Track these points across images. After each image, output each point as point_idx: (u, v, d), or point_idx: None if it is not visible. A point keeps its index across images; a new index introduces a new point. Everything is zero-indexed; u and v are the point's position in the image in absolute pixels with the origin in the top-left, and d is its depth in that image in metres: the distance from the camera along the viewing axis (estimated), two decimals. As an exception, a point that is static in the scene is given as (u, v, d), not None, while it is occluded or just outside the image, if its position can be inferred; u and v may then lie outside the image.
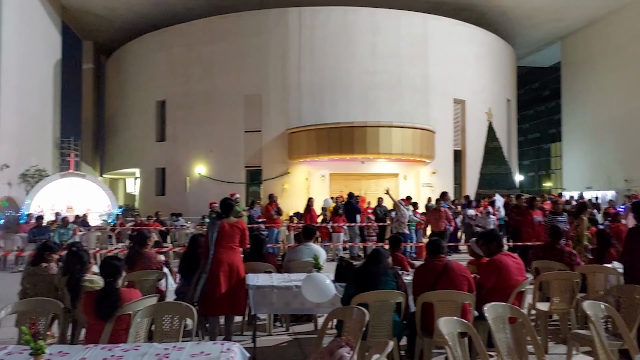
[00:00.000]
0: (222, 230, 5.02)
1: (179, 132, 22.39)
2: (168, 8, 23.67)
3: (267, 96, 20.57)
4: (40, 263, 5.13)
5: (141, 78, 24.37)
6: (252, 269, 5.42)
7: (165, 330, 3.53)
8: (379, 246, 6.57)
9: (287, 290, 4.70)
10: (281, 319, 5.86)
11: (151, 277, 5.14)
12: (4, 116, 18.79)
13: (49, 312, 3.64)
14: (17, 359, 2.55)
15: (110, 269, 3.57)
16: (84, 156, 27.84)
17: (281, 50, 20.45)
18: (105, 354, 2.63)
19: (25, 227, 12.80)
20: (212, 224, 5.16)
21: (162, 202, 21.38)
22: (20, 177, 19.55)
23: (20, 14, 20.25)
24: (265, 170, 20.54)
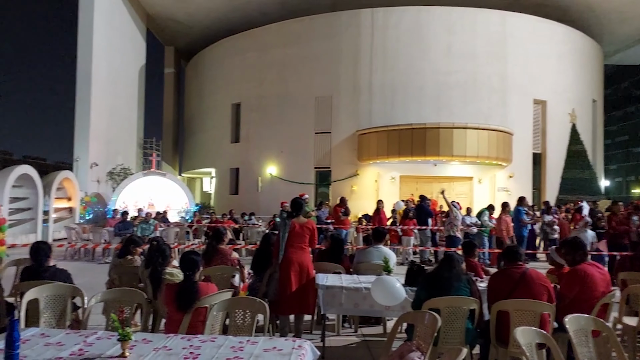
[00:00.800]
0: (293, 230, 5.09)
1: (252, 133, 23.06)
2: (244, 13, 24.45)
3: (337, 98, 20.68)
4: (126, 255, 5.48)
5: (218, 81, 25.36)
6: (322, 269, 5.47)
7: (238, 324, 3.65)
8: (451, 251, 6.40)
9: (356, 292, 4.70)
10: (350, 320, 5.87)
11: (226, 272, 5.32)
12: (95, 118, 20.20)
13: (133, 302, 3.86)
14: (106, 343, 2.73)
15: (189, 263, 3.73)
16: (165, 156, 29.36)
17: (353, 52, 20.49)
18: (185, 344, 2.75)
19: (111, 222, 13.70)
20: (283, 223, 5.22)
21: (235, 201, 22.15)
22: (107, 174, 20.95)
23: (109, 22, 21.70)
24: (335, 171, 20.65)
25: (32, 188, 14.86)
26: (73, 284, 4.19)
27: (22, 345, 2.44)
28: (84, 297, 3.96)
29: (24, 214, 14.97)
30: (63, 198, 17.12)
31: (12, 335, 2.33)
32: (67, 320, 3.91)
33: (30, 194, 14.93)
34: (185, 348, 2.68)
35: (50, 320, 3.85)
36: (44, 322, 3.78)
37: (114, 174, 21.04)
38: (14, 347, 2.33)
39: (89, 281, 4.34)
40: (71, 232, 12.95)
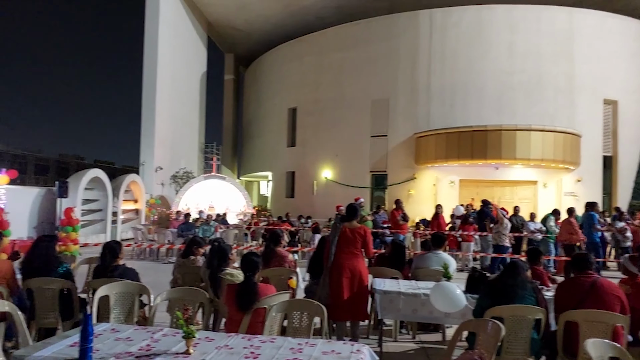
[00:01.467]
0: (343, 234, 4.99)
1: (308, 137, 23.28)
2: (301, 19, 24.78)
3: (394, 100, 20.49)
4: (189, 256, 5.68)
5: (275, 87, 25.82)
6: (379, 274, 5.42)
7: (295, 326, 3.68)
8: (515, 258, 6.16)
9: (415, 298, 4.63)
10: (407, 326, 5.78)
11: (284, 274, 5.39)
12: (159, 124, 21.09)
13: (196, 301, 3.99)
14: (172, 340, 2.84)
15: (250, 265, 3.81)
16: (224, 160, 30.20)
17: (411, 54, 20.24)
18: (246, 343, 2.82)
19: (174, 223, 14.23)
20: (334, 227, 5.16)
21: (291, 204, 22.43)
22: (171, 178, 21.80)
23: (173, 32, 22.62)
24: (391, 175, 20.45)
25: (102, 190, 15.68)
26: (140, 282, 4.38)
27: (95, 340, 2.57)
28: (150, 295, 4.13)
29: (95, 215, 15.82)
30: (130, 200, 17.96)
31: (87, 329, 2.46)
32: (135, 317, 4.09)
33: (100, 196, 15.77)
34: (246, 348, 2.73)
35: (120, 317, 4.05)
36: (114, 318, 3.98)
37: (177, 177, 21.85)
38: (88, 341, 2.46)
39: (153, 280, 4.52)
40: (137, 233, 13.55)
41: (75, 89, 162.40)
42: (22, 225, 12.55)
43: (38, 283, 4.35)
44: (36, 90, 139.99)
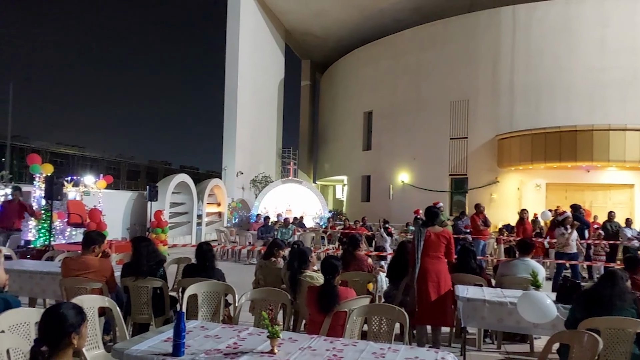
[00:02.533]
0: (428, 239, 4.99)
1: (384, 141, 23.11)
2: (377, 22, 24.72)
3: (474, 101, 19.84)
4: (271, 257, 5.84)
5: (350, 91, 25.91)
6: (462, 281, 5.26)
7: (374, 330, 3.66)
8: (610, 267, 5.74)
9: (501, 306, 4.44)
10: (492, 335, 5.55)
11: (363, 278, 5.38)
12: (240, 130, 21.88)
13: (278, 302, 4.09)
14: (257, 339, 2.93)
15: (330, 267, 3.85)
16: (301, 164, 30.70)
17: (492, 53, 19.51)
18: (328, 345, 2.85)
19: (254, 226, 14.68)
20: (418, 232, 5.12)
21: (367, 208, 22.35)
22: (250, 182, 22.51)
23: (253, 41, 23.40)
24: (471, 178, 19.79)
25: (188, 194, 16.51)
26: (226, 282, 4.56)
27: (186, 336, 2.70)
28: (235, 295, 4.29)
29: (181, 217, 16.68)
30: (213, 203, 18.75)
31: (179, 326, 2.61)
32: (220, 316, 4.26)
33: (186, 199, 16.61)
34: (328, 350, 2.76)
35: (207, 315, 4.23)
36: (202, 316, 4.17)
37: (257, 182, 22.51)
38: (181, 337, 2.61)
39: (235, 280, 4.69)
40: (220, 235, 14.11)
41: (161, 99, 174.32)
42: (116, 226, 13.50)
43: (134, 282, 4.64)
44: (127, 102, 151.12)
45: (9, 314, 2.94)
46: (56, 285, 4.87)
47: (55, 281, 4.94)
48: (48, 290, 5.28)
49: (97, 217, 10.13)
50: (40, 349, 2.03)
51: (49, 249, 8.10)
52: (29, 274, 5.38)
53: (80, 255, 4.66)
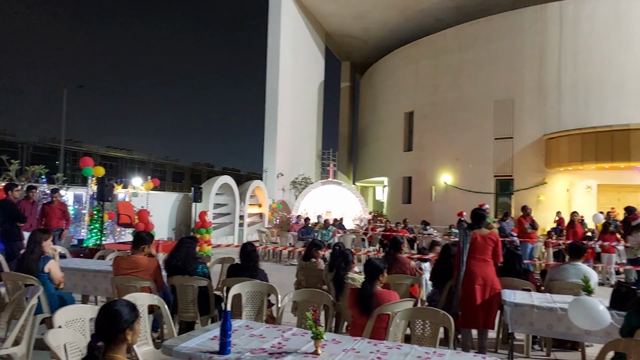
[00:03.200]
0: (475, 242, 4.92)
1: (425, 141, 22.82)
2: (418, 22, 24.47)
3: (520, 100, 19.31)
4: (310, 258, 5.87)
5: (390, 92, 25.72)
6: (509, 285, 5.12)
7: (418, 334, 3.61)
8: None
9: (550, 312, 4.29)
10: (541, 342, 5.37)
11: (406, 281, 5.32)
12: (280, 132, 22.12)
13: (321, 303, 4.10)
14: (301, 340, 2.94)
15: (374, 270, 3.83)
16: (340, 166, 30.71)
17: (538, 50, 18.94)
18: (372, 348, 2.83)
19: (295, 227, 14.78)
20: (464, 234, 5.04)
21: (408, 210, 22.10)
22: (291, 184, 22.70)
23: (294, 44, 23.61)
24: (517, 179, 19.26)
25: (230, 196, 16.80)
26: (268, 282, 4.61)
27: (232, 335, 2.74)
28: (277, 295, 4.33)
29: (224, 218, 16.99)
30: (255, 204, 19.01)
31: (226, 325, 2.65)
32: (263, 316, 4.31)
33: (229, 200, 16.91)
34: (372, 352, 2.74)
35: (251, 314, 4.29)
36: (246, 315, 4.23)
37: (297, 183, 22.68)
38: (227, 336, 2.66)
39: (276, 281, 4.74)
40: (262, 235, 14.29)
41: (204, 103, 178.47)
42: (162, 227, 13.90)
43: (180, 280, 4.77)
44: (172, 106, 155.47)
45: (65, 310, 3.08)
46: (107, 283, 5.06)
47: (107, 279, 5.13)
48: (100, 287, 5.48)
49: (145, 218, 10.44)
50: (96, 344, 2.10)
51: (100, 248, 8.40)
52: (82, 272, 5.60)
53: (131, 255, 4.83)
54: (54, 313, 3.02)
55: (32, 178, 9.19)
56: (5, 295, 4.55)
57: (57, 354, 2.48)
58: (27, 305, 3.64)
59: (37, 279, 4.46)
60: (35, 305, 3.76)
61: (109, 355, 2.14)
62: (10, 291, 4.51)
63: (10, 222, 7.56)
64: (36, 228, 6.29)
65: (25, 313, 3.61)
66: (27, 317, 3.62)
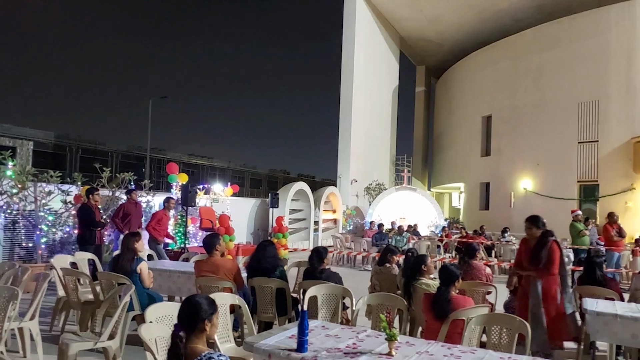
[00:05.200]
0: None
1: (504, 146, 22.06)
2: (496, 23, 23.78)
3: (606, 102, 18.20)
4: (385, 263, 5.95)
5: (467, 95, 25.11)
6: (591, 294, 4.93)
7: (494, 342, 3.60)
8: None
9: (635, 322, 4.11)
10: (626, 353, 5.11)
11: (480, 288, 5.27)
12: (354, 139, 22.29)
13: (394, 307, 4.18)
14: (375, 341, 3.05)
15: (448, 274, 3.87)
16: (415, 172, 30.35)
17: (625, 48, 17.81)
18: (446, 352, 2.88)
19: (369, 233, 14.85)
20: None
21: (486, 217, 21.43)
22: (364, 190, 22.78)
23: (368, 50, 23.74)
24: (603, 185, 18.15)
25: (305, 201, 17.17)
26: (343, 285, 4.76)
27: (309, 334, 2.90)
28: (352, 298, 4.46)
29: (300, 223, 17.38)
30: (329, 210, 19.28)
31: (303, 324, 2.82)
32: (339, 318, 4.46)
33: (304, 206, 17.28)
34: (446, 356, 2.79)
35: (326, 316, 4.45)
36: (322, 317, 4.40)
37: (370, 189, 22.72)
38: (304, 334, 2.82)
39: (351, 285, 4.85)
40: (336, 241, 14.49)
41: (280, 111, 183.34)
42: (242, 231, 14.47)
43: (259, 282, 5.02)
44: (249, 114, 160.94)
45: (155, 307, 3.38)
46: (191, 283, 5.42)
47: (190, 280, 5.48)
48: (183, 288, 5.82)
49: (226, 222, 10.95)
50: (179, 333, 2.28)
51: (184, 251, 8.93)
52: (167, 273, 6.00)
53: (209, 257, 5.15)
54: (144, 310, 3.31)
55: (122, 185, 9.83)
56: (100, 293, 4.90)
57: (149, 347, 2.70)
58: (121, 302, 3.96)
59: (129, 278, 4.80)
60: (128, 303, 4.07)
61: (189, 345, 2.32)
62: (104, 290, 4.86)
63: (84, 227, 7.52)
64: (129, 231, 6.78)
65: (119, 310, 3.93)
66: (120, 314, 3.94)
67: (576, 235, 10.79)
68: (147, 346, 2.70)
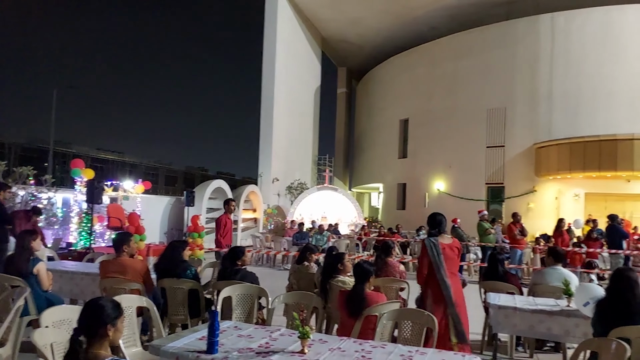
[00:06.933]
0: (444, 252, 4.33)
1: (419, 149, 22.98)
2: (413, 29, 24.66)
3: (512, 109, 19.53)
4: (303, 262, 5.94)
5: (386, 98, 25.89)
6: (494, 288, 5.23)
7: (405, 337, 3.70)
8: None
9: (532, 314, 4.41)
10: (524, 344, 5.48)
11: (394, 284, 5.41)
12: (276, 137, 22.18)
13: (310, 305, 4.17)
14: (288, 340, 3.01)
15: (362, 272, 3.92)
16: (336, 172, 30.76)
17: (530, 60, 19.20)
18: (357, 347, 2.91)
19: (289, 232, 14.83)
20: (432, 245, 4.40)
21: (402, 216, 22.22)
22: (286, 189, 22.73)
23: (290, 49, 23.71)
24: (508, 187, 19.45)
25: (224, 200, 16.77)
26: (259, 285, 4.68)
27: (220, 335, 2.81)
28: (268, 298, 4.40)
29: (218, 223, 16.94)
30: (249, 209, 19.02)
31: (214, 325, 2.71)
32: (254, 318, 4.37)
33: (222, 205, 16.87)
34: (357, 351, 2.82)
35: (241, 316, 4.34)
36: (236, 317, 4.29)
37: (292, 189, 22.71)
38: (215, 335, 2.72)
39: (270, 285, 4.79)
40: (256, 240, 14.32)
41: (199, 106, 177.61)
42: (154, 230, 13.87)
43: (170, 283, 4.80)
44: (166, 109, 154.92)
45: (52, 310, 3.11)
46: (95, 286, 5.08)
47: (95, 282, 5.15)
48: (87, 291, 5.46)
49: (136, 221, 10.46)
50: (78, 338, 2.14)
51: (89, 251, 8.42)
52: (70, 274, 5.62)
53: (116, 257, 4.87)
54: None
55: (20, 180, 9.12)
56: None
57: (43, 353, 2.50)
58: (14, 306, 3.64)
59: (25, 280, 4.43)
60: (22, 307, 3.77)
61: (90, 350, 2.18)
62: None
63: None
64: (23, 230, 6.26)
65: (11, 314, 3.61)
66: (12, 319, 3.62)
67: (483, 233, 11.48)
68: (40, 352, 2.50)
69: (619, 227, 11.11)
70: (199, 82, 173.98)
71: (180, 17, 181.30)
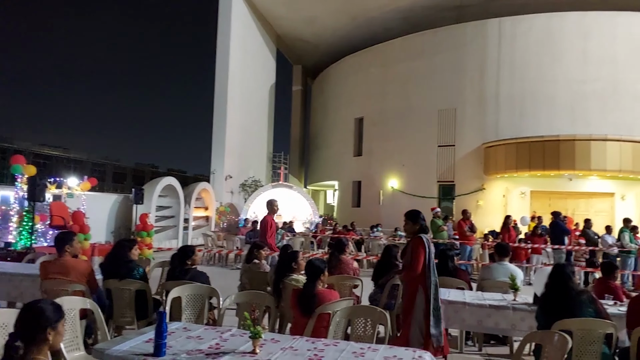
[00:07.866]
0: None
1: (374, 147, 23.27)
2: (367, 30, 24.92)
3: (462, 110, 20.09)
4: (253, 260, 5.85)
5: (341, 97, 26.06)
6: (444, 284, 5.34)
7: (359, 334, 3.70)
8: (588, 272, 5.86)
9: (480, 309, 4.52)
10: (473, 338, 5.63)
11: (348, 281, 5.42)
12: (230, 134, 21.86)
13: (263, 304, 4.12)
14: (239, 340, 2.95)
15: (313, 269, 3.89)
16: (292, 169, 30.69)
17: (479, 63, 19.81)
18: (309, 346, 2.89)
19: (243, 230, 14.66)
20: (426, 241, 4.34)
21: (357, 213, 22.45)
22: (240, 186, 22.46)
23: (244, 45, 23.44)
24: (459, 185, 20.00)
25: (175, 198, 16.40)
26: (210, 285, 4.57)
27: (168, 337, 2.71)
28: (219, 298, 4.30)
29: (168, 221, 16.56)
30: (201, 207, 18.67)
31: (161, 326, 2.62)
32: (205, 318, 4.27)
33: (173, 203, 16.49)
34: (309, 350, 2.80)
35: (191, 317, 4.24)
36: (185, 318, 4.18)
37: (246, 186, 22.46)
38: (162, 337, 2.62)
39: (222, 284, 4.69)
40: (207, 239, 14.06)
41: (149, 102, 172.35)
42: (100, 229, 13.34)
43: (116, 284, 4.62)
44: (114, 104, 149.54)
45: (-16, 315, 2.89)
46: (36, 288, 4.80)
47: (35, 284, 4.86)
48: (27, 293, 5.16)
49: (81, 220, 10.03)
50: (14, 344, 2.01)
51: (29, 252, 8.02)
52: (8, 276, 5.31)
53: (58, 258, 4.63)
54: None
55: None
56: None
57: None
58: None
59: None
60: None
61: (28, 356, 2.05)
62: None
63: None
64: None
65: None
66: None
67: (436, 230, 11.74)
68: (-32, 361, 2.31)
69: (561, 223, 11.64)
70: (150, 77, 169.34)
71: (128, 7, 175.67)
